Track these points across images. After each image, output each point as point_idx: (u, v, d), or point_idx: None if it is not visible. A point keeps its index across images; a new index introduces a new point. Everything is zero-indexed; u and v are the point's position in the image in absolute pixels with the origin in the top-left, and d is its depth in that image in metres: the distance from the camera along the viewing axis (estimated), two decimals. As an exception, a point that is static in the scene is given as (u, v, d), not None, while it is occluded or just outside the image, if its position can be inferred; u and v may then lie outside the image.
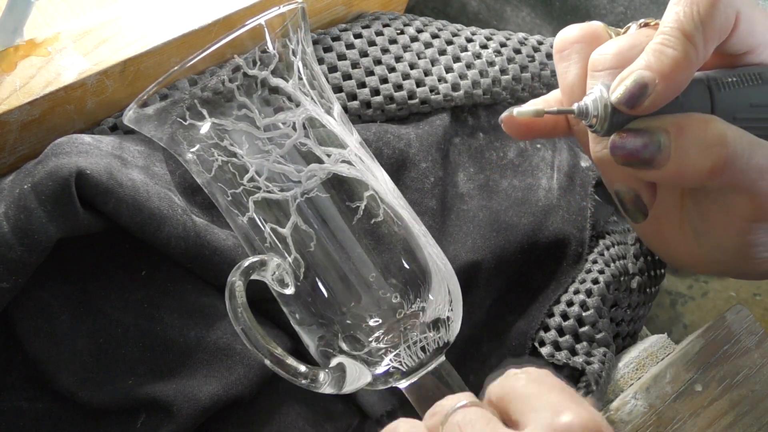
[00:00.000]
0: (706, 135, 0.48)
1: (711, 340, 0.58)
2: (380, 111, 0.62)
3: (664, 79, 0.48)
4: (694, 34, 0.48)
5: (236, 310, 0.46)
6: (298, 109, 0.50)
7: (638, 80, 0.48)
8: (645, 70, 0.48)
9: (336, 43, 0.63)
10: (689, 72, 0.48)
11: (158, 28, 0.58)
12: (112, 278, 0.55)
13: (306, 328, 0.50)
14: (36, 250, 0.51)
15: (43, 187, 0.50)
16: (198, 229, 0.54)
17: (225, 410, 0.54)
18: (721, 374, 0.57)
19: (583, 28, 0.53)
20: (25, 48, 0.56)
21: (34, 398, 0.54)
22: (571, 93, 0.53)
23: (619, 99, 0.48)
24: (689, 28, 0.48)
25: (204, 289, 0.56)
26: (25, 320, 0.53)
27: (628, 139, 0.49)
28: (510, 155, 0.64)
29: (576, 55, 0.53)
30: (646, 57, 0.48)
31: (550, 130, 0.55)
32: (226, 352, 0.54)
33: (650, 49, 0.48)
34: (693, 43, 0.48)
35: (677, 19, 0.48)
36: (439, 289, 0.49)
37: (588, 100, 0.49)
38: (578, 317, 0.58)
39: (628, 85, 0.48)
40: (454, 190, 0.62)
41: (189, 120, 0.49)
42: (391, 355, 0.49)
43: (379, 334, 0.48)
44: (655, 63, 0.48)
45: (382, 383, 0.50)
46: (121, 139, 0.56)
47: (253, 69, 0.49)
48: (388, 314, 0.48)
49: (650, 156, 0.49)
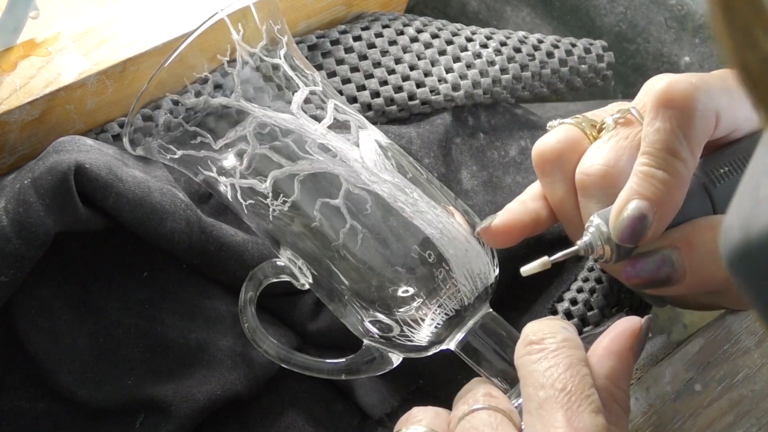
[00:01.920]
0: (716, 245, 0.47)
1: (711, 340, 0.58)
2: (381, 113, 0.62)
3: (660, 204, 0.46)
4: (679, 149, 0.46)
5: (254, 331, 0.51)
6: (247, 120, 0.50)
7: (635, 213, 0.46)
8: (639, 199, 0.46)
9: (335, 47, 0.63)
10: (683, 189, 0.47)
11: (158, 28, 0.58)
12: (113, 279, 0.55)
13: (340, 308, 0.51)
14: (34, 244, 0.51)
15: (42, 182, 0.50)
16: (203, 224, 0.54)
17: (225, 410, 0.54)
18: (720, 374, 0.57)
19: (559, 139, 0.51)
20: (25, 48, 0.56)
21: (34, 398, 0.53)
22: (562, 209, 0.52)
23: (621, 238, 0.47)
24: (673, 145, 0.46)
25: (206, 291, 0.56)
26: (26, 319, 0.53)
27: (640, 266, 0.48)
28: (512, 153, 0.64)
29: (559, 172, 0.51)
30: (637, 182, 0.47)
31: (532, 230, 0.53)
32: (226, 352, 0.54)
33: (639, 173, 0.47)
34: (680, 159, 0.46)
35: (659, 138, 0.46)
36: (446, 254, 0.49)
37: (590, 237, 0.48)
38: (582, 317, 0.58)
39: (626, 220, 0.46)
40: (458, 186, 0.62)
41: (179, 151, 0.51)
42: (429, 319, 0.50)
43: (410, 304, 0.49)
44: (647, 189, 0.46)
45: (427, 349, 0.51)
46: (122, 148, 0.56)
47: (196, 95, 0.51)
48: (414, 282, 0.49)
49: (666, 276, 0.48)
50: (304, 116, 0.51)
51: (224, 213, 0.57)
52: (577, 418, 0.41)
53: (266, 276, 0.52)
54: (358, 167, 0.50)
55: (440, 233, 0.50)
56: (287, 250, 0.51)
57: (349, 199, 0.50)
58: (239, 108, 0.51)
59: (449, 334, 0.50)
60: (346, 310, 0.51)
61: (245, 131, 0.50)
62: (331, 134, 0.51)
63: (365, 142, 0.51)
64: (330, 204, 0.50)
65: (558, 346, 0.44)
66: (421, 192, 0.51)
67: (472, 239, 0.51)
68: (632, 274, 0.48)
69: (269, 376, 0.55)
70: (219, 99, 0.51)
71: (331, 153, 0.50)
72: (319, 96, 0.52)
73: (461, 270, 0.50)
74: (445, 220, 0.50)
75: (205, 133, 0.51)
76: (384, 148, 0.52)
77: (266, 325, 0.54)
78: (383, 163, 0.51)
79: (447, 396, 0.50)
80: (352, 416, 0.57)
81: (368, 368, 0.52)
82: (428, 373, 0.57)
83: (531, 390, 0.43)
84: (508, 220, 0.51)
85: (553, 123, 0.53)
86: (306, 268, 0.51)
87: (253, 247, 0.55)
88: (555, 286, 0.60)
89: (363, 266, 0.50)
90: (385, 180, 0.50)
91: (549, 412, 0.42)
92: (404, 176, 0.51)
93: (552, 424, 0.42)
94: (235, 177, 0.50)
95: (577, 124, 0.52)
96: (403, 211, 0.50)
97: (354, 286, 0.50)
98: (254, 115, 0.51)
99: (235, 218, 0.57)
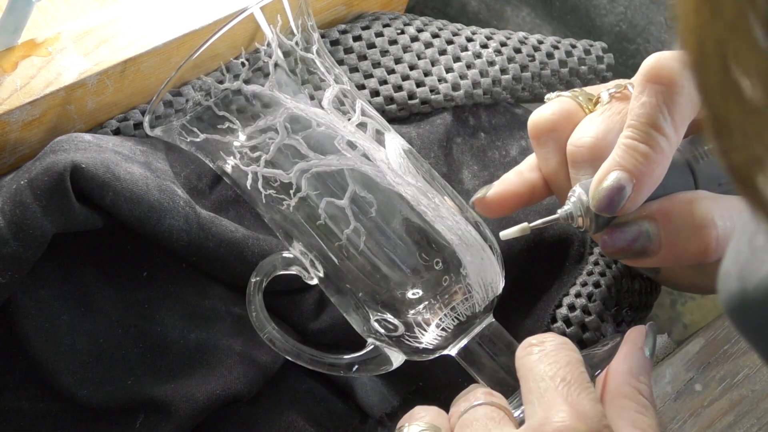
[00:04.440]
0: (693, 218, 0.47)
1: (711, 340, 0.58)
2: (381, 112, 0.62)
3: (639, 177, 0.47)
4: (662, 125, 0.47)
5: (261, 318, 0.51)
6: (278, 110, 0.50)
7: (614, 184, 0.47)
8: (619, 170, 0.47)
9: (334, 48, 0.63)
10: (664, 164, 0.47)
11: (158, 28, 0.58)
12: (113, 278, 0.55)
13: (347, 304, 0.51)
14: (31, 245, 0.51)
15: (38, 183, 0.50)
16: (202, 220, 0.54)
17: (225, 410, 0.54)
18: (721, 374, 0.57)
19: (554, 111, 0.52)
20: (25, 48, 0.56)
21: (34, 398, 0.53)
22: (555, 180, 0.52)
23: (599, 207, 0.47)
24: (657, 119, 0.47)
25: (205, 291, 0.56)
26: (26, 320, 0.53)
27: (616, 236, 0.48)
28: (513, 153, 0.64)
29: (553, 143, 0.52)
30: (618, 154, 0.47)
31: (528, 200, 0.54)
32: (226, 352, 0.54)
33: (622, 145, 0.47)
34: (663, 134, 0.47)
35: (644, 112, 0.47)
36: (464, 260, 0.50)
37: (570, 206, 0.49)
38: (581, 323, 0.58)
39: (604, 190, 0.47)
40: (460, 186, 0.62)
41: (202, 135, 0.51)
42: (437, 321, 0.50)
43: (420, 306, 0.50)
44: (628, 161, 0.47)
45: (431, 353, 0.51)
46: (123, 139, 0.56)
47: (233, 78, 0.51)
48: (428, 285, 0.49)
49: (642, 248, 0.48)
50: (335, 112, 0.51)
51: (225, 209, 0.57)
52: (578, 403, 0.43)
53: (275, 267, 0.52)
54: (384, 168, 0.50)
55: (459, 239, 0.50)
56: (299, 243, 0.51)
57: (366, 197, 0.50)
58: (272, 97, 0.51)
59: (454, 340, 0.51)
60: (353, 307, 0.51)
61: (275, 121, 0.50)
62: (359, 133, 0.51)
63: (391, 144, 0.51)
64: (354, 198, 0.50)
65: (556, 347, 0.46)
66: (443, 198, 0.51)
67: (487, 248, 0.51)
68: (609, 244, 0.49)
69: (269, 376, 0.55)
70: (252, 87, 0.51)
71: (358, 150, 0.50)
72: (347, 94, 0.53)
73: (476, 277, 0.50)
74: (464, 227, 0.51)
75: (233, 119, 0.51)
76: (406, 152, 0.52)
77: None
78: (407, 166, 0.51)
79: (447, 398, 0.50)
80: (352, 416, 0.57)
81: (368, 367, 0.52)
82: (429, 375, 0.57)
83: (532, 384, 0.44)
84: (504, 190, 0.52)
85: (551, 95, 0.53)
86: (318, 262, 0.51)
87: (254, 243, 0.55)
88: (555, 288, 0.60)
89: (376, 265, 0.50)
90: (409, 183, 0.50)
91: (550, 399, 0.43)
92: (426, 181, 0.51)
93: (553, 407, 0.43)
94: (260, 165, 0.50)
95: (573, 97, 0.53)
96: (425, 215, 0.50)
97: (365, 284, 0.50)
98: (286, 106, 0.50)
99: (237, 214, 0.57)
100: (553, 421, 0.42)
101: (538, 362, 0.45)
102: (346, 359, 0.52)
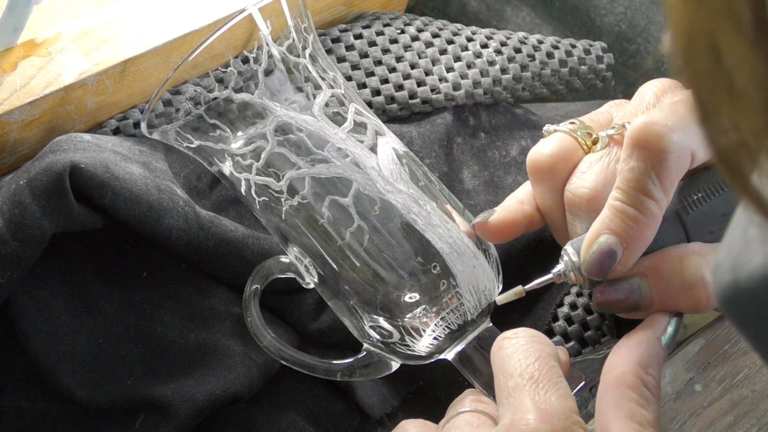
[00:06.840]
0: (683, 277, 0.47)
1: (711, 340, 0.58)
2: (381, 111, 0.62)
3: (629, 241, 0.47)
4: (651, 189, 0.46)
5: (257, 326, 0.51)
6: (267, 118, 0.50)
7: (604, 249, 0.47)
8: (609, 234, 0.47)
9: (335, 45, 0.63)
10: (654, 226, 0.47)
11: (158, 28, 0.58)
12: (113, 279, 0.55)
13: (343, 309, 0.51)
14: (30, 245, 0.51)
15: (37, 183, 0.50)
16: (201, 220, 0.54)
17: (225, 410, 0.54)
18: (721, 374, 0.57)
19: (552, 152, 0.52)
20: (25, 48, 0.56)
21: (34, 398, 0.54)
22: (551, 217, 0.53)
23: (589, 271, 0.48)
24: (645, 184, 0.46)
25: (205, 291, 0.56)
26: (26, 320, 0.53)
27: (609, 293, 0.49)
28: (513, 153, 0.64)
29: (551, 184, 0.52)
30: (609, 216, 0.47)
31: (526, 228, 0.54)
32: (226, 352, 0.54)
33: (611, 207, 0.47)
34: (652, 198, 0.47)
35: (633, 177, 0.47)
36: (454, 269, 0.50)
37: (563, 265, 0.49)
38: (583, 321, 0.58)
39: (595, 254, 0.47)
40: (460, 186, 0.62)
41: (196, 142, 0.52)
42: (430, 329, 0.50)
43: (416, 311, 0.50)
44: (618, 225, 0.47)
45: (426, 359, 0.51)
46: (122, 139, 0.56)
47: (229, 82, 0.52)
48: (424, 289, 0.50)
49: (634, 303, 0.48)
50: (325, 119, 0.51)
51: (225, 209, 0.57)
52: (544, 402, 0.43)
53: (272, 272, 0.52)
54: (375, 175, 0.50)
55: (450, 248, 0.50)
56: (295, 248, 0.51)
57: (359, 201, 0.50)
58: (262, 106, 0.51)
59: (449, 346, 0.51)
60: (348, 312, 0.51)
61: (265, 129, 0.50)
62: (350, 140, 0.51)
63: (383, 150, 0.51)
64: (339, 203, 0.50)
65: (528, 342, 0.46)
66: (435, 206, 0.51)
67: (480, 256, 0.51)
68: (601, 300, 0.49)
69: (269, 376, 0.55)
70: (242, 95, 0.51)
71: (349, 158, 0.50)
72: (341, 99, 0.52)
73: (467, 286, 0.50)
74: (456, 235, 0.51)
75: (224, 127, 0.51)
76: (400, 156, 0.52)
77: (267, 323, 0.54)
78: (399, 172, 0.51)
79: (447, 398, 0.50)
80: (352, 416, 0.57)
81: (366, 372, 0.52)
82: (429, 374, 0.57)
83: (501, 381, 0.45)
84: (505, 218, 0.52)
85: (549, 128, 0.53)
86: (312, 267, 0.51)
87: (253, 242, 0.55)
88: (557, 286, 0.60)
89: (369, 269, 0.50)
90: (400, 190, 0.50)
91: (517, 399, 0.43)
92: (417, 185, 0.51)
93: (520, 409, 0.43)
94: (251, 173, 0.51)
95: (572, 132, 0.52)
96: (416, 223, 0.50)
97: (359, 288, 0.50)
98: (276, 114, 0.51)
99: (237, 214, 0.57)
100: (519, 426, 0.42)
101: (509, 357, 0.45)
102: (343, 364, 0.52)
